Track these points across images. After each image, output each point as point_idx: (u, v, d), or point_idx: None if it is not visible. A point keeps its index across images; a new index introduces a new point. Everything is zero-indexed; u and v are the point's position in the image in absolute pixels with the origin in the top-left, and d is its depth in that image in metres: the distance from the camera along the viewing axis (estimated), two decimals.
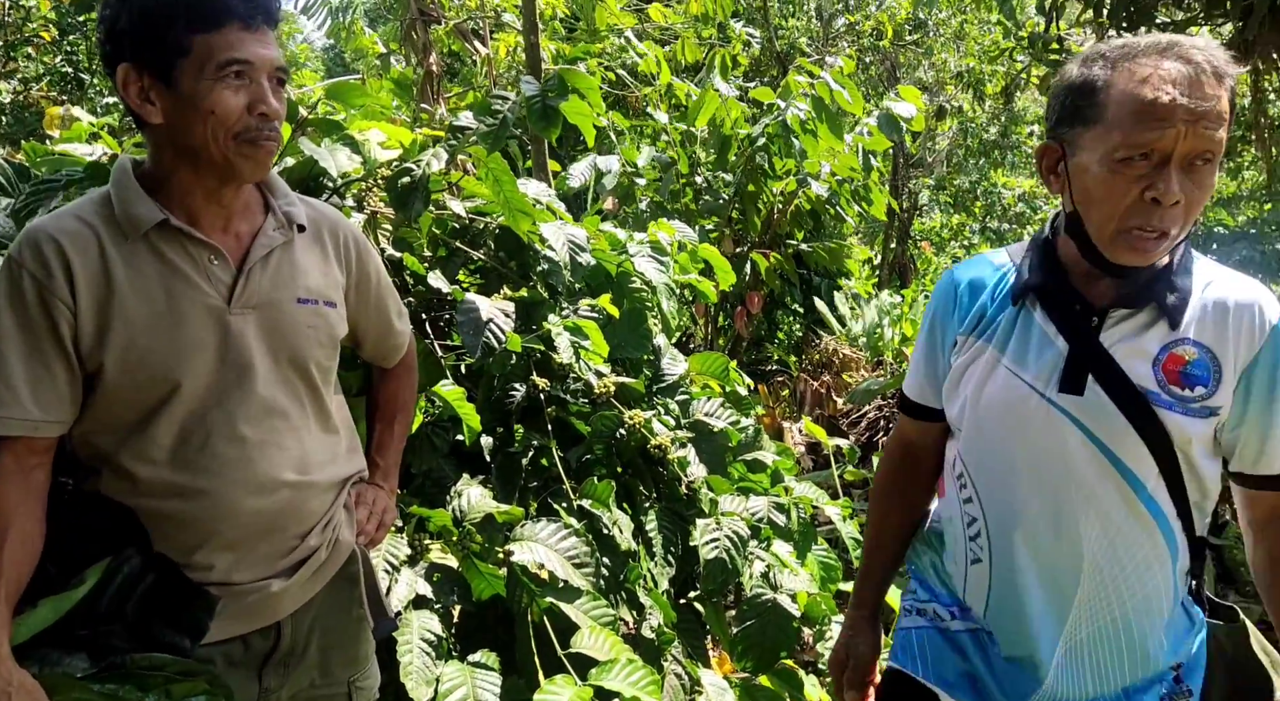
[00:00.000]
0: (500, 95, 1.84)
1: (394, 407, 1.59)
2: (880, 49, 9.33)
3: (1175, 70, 1.05)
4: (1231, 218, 14.42)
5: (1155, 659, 1.21)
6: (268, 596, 1.25)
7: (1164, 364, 1.15)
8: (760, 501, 2.21)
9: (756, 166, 4.61)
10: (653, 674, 1.46)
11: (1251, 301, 1.16)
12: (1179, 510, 1.18)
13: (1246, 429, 1.16)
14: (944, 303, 1.33)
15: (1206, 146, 1.05)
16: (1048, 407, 1.18)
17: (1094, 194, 1.12)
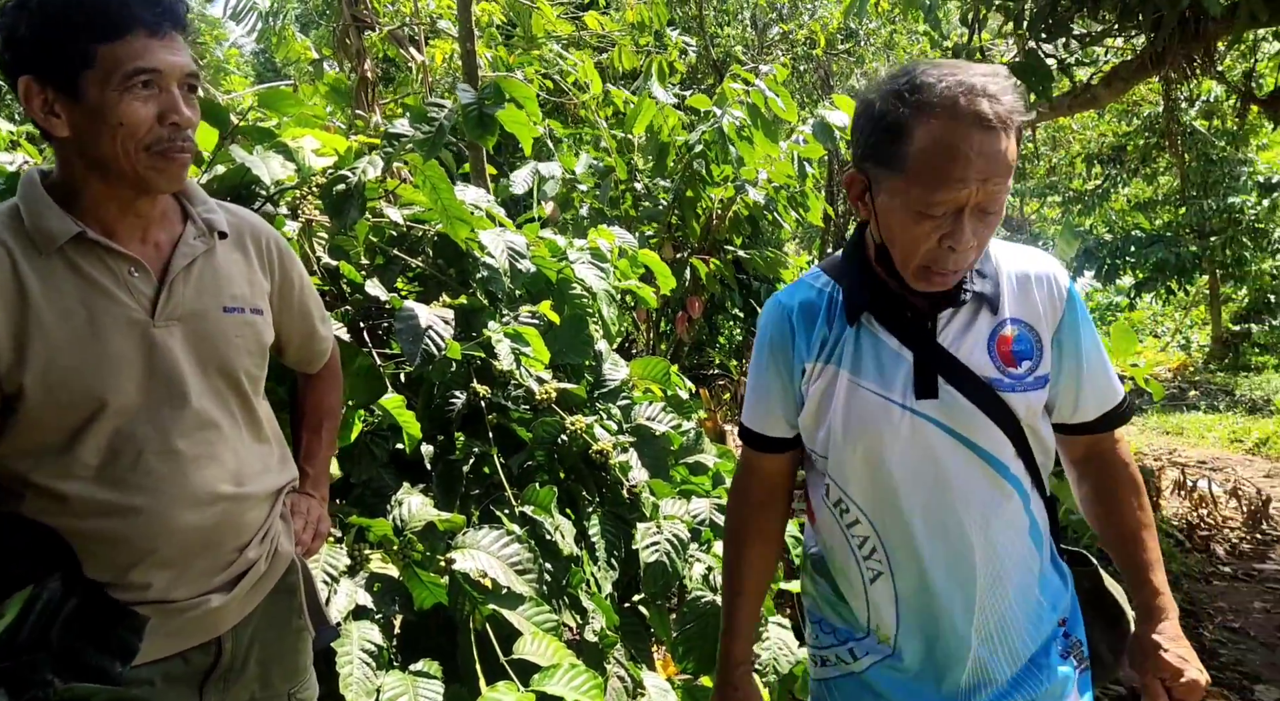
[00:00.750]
0: (437, 103, 1.84)
1: (320, 414, 1.56)
2: (814, 58, 9.51)
3: (967, 130, 1.09)
4: (1148, 221, 15.00)
5: (1043, 619, 1.28)
6: (208, 612, 1.22)
7: (997, 348, 1.23)
8: (702, 503, 2.23)
9: (694, 173, 4.66)
10: (595, 677, 1.47)
11: (1048, 272, 1.27)
12: (1032, 478, 1.27)
13: (1061, 386, 1.26)
14: (780, 333, 1.34)
15: (995, 196, 1.13)
16: (910, 416, 1.22)
17: (896, 236, 1.18)
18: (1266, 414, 9.57)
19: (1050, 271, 1.27)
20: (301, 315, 1.45)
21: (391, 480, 1.92)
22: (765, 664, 1.89)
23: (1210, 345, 14.44)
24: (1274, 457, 7.80)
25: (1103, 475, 1.33)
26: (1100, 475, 1.34)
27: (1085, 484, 1.35)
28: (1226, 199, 12.94)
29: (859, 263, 1.29)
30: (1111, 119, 12.77)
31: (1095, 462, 1.34)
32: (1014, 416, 1.22)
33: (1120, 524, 1.32)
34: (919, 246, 1.15)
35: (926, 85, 1.12)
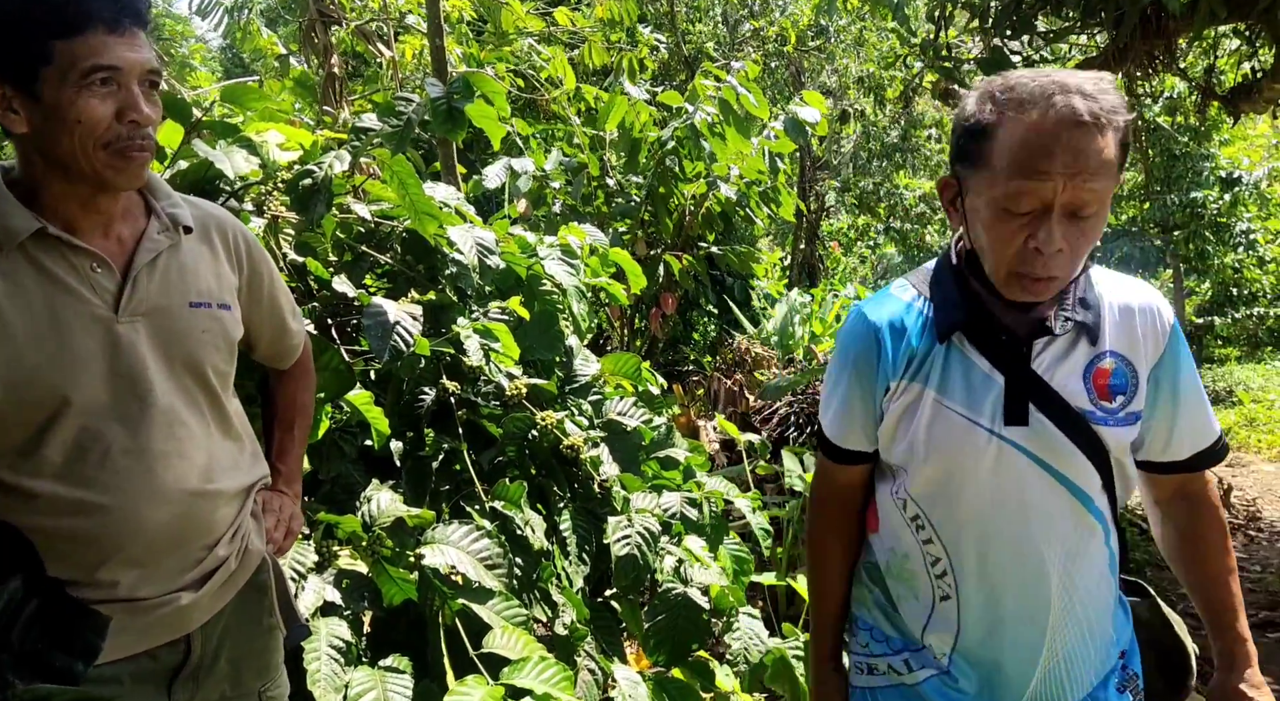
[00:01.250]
0: (405, 97, 1.83)
1: (293, 411, 1.55)
2: (785, 54, 9.55)
3: (1057, 121, 1.05)
4: (1114, 216, 15.23)
5: (1109, 654, 1.27)
6: (177, 610, 1.21)
7: (1093, 380, 1.20)
8: (673, 497, 2.25)
9: (666, 169, 4.67)
10: (565, 670, 1.48)
11: (1151, 305, 1.22)
12: (1113, 512, 1.24)
13: (1155, 422, 1.23)
14: (865, 349, 1.30)
15: (1087, 198, 1.07)
16: (998, 442, 1.19)
17: (985, 238, 1.14)
18: (1229, 404, 9.76)
19: (1155, 305, 1.23)
20: (271, 310, 1.43)
21: (360, 476, 1.92)
22: (736, 654, 1.91)
23: None
24: (1236, 448, 7.96)
25: (1190, 517, 1.29)
26: (1187, 517, 1.30)
27: (1169, 524, 1.32)
28: (1189, 194, 13.17)
29: (952, 277, 1.25)
30: None
31: (1183, 503, 1.30)
32: (1105, 450, 1.20)
33: (1205, 568, 1.28)
34: (1007, 249, 1.12)
35: (1020, 84, 1.10)
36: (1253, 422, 8.52)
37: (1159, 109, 11.29)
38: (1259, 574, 4.62)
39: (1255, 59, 5.13)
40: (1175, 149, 12.96)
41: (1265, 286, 13.74)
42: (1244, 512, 5.65)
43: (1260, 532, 5.33)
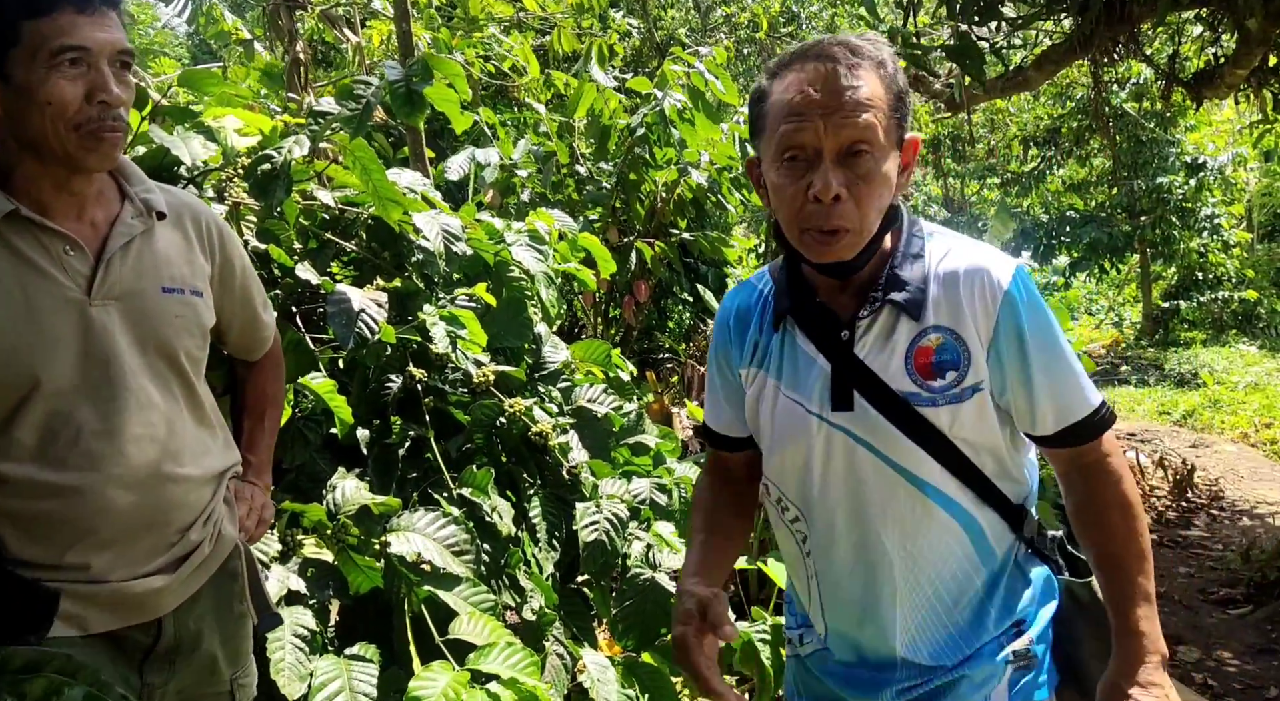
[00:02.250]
0: (363, 80, 1.81)
1: (263, 402, 1.55)
2: (757, 40, 9.54)
3: (812, 69, 1.08)
4: (1082, 202, 15.41)
5: (986, 626, 1.22)
6: (150, 592, 1.22)
7: (914, 360, 1.15)
8: (643, 483, 2.25)
9: (637, 156, 4.66)
10: (532, 655, 1.48)
11: (979, 269, 1.15)
12: (978, 491, 1.18)
13: (1011, 395, 1.16)
14: (721, 336, 1.34)
15: (852, 135, 1.06)
16: (827, 427, 1.19)
17: (776, 199, 1.14)
18: (1194, 387, 9.93)
19: (983, 268, 1.15)
20: (243, 300, 1.43)
21: (326, 465, 1.90)
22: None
23: (1141, 322, 14.92)
24: (1199, 429, 8.11)
25: (1086, 492, 1.21)
26: (1083, 491, 1.21)
27: (1069, 500, 1.24)
28: (1155, 179, 13.34)
29: (785, 265, 1.26)
30: (1046, 102, 13.07)
31: (1078, 477, 1.21)
32: (937, 433, 1.15)
33: (1100, 546, 1.19)
34: (792, 206, 1.11)
35: (792, 50, 1.13)
36: (1216, 404, 8.68)
37: (1125, 95, 11.42)
38: (1221, 552, 4.72)
39: (1218, 45, 5.20)
40: (1141, 135, 13.12)
41: (1229, 270, 13.97)
42: (1207, 492, 5.76)
43: (1223, 512, 5.44)
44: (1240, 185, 14.36)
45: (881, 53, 1.11)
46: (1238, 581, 4.22)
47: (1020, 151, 14.35)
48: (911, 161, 1.17)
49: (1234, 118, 13.15)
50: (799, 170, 1.09)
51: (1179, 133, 13.33)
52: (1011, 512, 1.22)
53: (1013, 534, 1.24)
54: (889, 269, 1.17)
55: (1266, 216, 14.90)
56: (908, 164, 1.16)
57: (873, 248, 1.15)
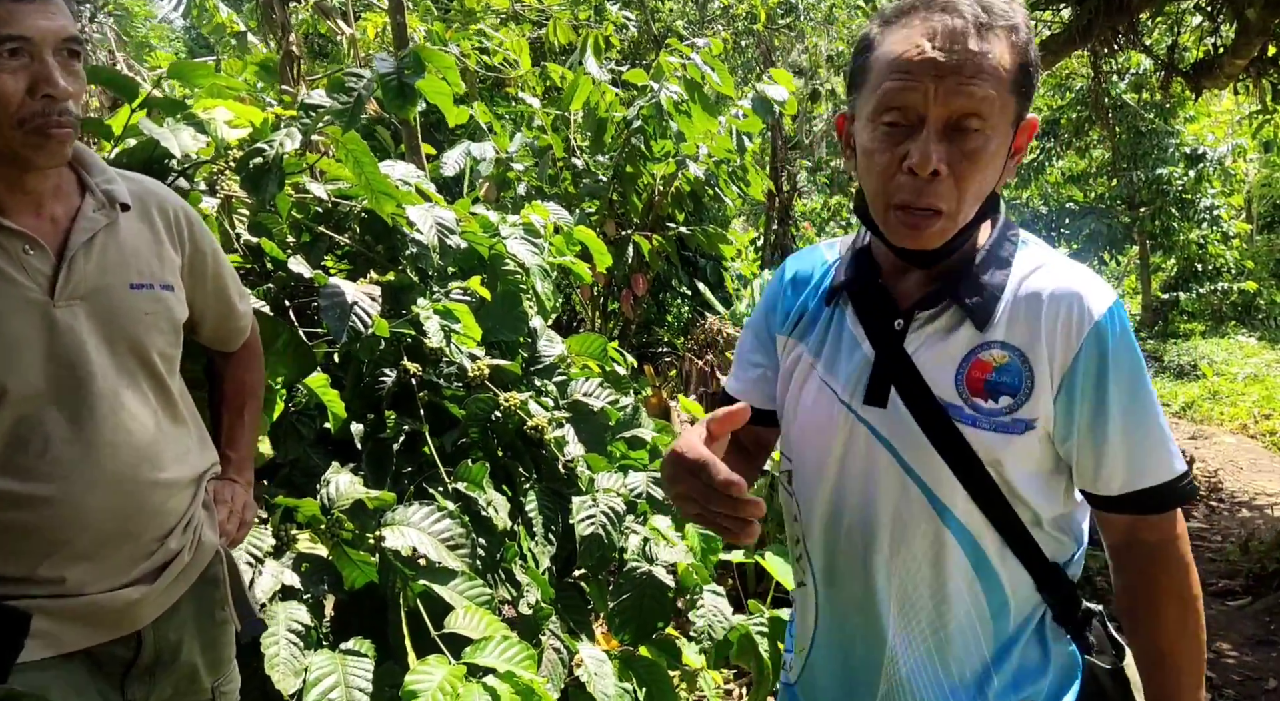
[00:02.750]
0: (355, 72, 1.80)
1: (242, 396, 1.50)
2: (755, 32, 9.51)
3: (935, 25, 0.94)
4: (1082, 194, 15.39)
5: (988, 696, 1.07)
6: (129, 604, 1.17)
7: (968, 372, 1.01)
8: (639, 477, 2.24)
9: (634, 149, 4.64)
10: (528, 649, 1.48)
11: (1070, 292, 0.99)
12: (1006, 537, 1.04)
13: (1077, 443, 1.01)
14: (770, 297, 1.21)
15: (965, 106, 0.93)
16: (853, 421, 1.07)
17: (864, 165, 1.01)
18: (1193, 379, 9.93)
19: (1076, 292, 0.99)
20: (216, 290, 1.38)
21: (320, 460, 1.89)
22: (700, 631, 1.91)
23: (1141, 313, 14.91)
24: (1199, 420, 8.11)
25: (1140, 573, 1.05)
26: (1137, 572, 1.05)
27: (1119, 577, 1.08)
28: (1155, 170, 13.32)
29: (856, 240, 1.15)
30: (1046, 93, 13.04)
31: (1133, 554, 1.05)
32: (973, 457, 1.00)
33: (1149, 640, 1.05)
34: (883, 174, 0.98)
35: (908, 1, 0.98)
36: (1216, 396, 8.68)
37: (1125, 86, 11.39)
38: (1220, 544, 4.72)
39: (1217, 35, 5.18)
40: (1141, 126, 13.09)
41: (1229, 261, 13.96)
42: (1206, 484, 5.76)
43: (1221, 503, 5.44)
44: (1240, 176, 14.35)
45: (1015, 17, 0.96)
46: (1236, 573, 4.22)
47: None
48: (1024, 145, 1.03)
49: (1233, 108, 13.13)
50: (897, 136, 0.96)
51: (1178, 124, 13.31)
52: (1043, 571, 1.06)
53: (1040, 596, 1.08)
54: (969, 266, 1.03)
55: (1266, 207, 14.88)
56: (1020, 147, 1.02)
57: (962, 239, 1.02)
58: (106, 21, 8.70)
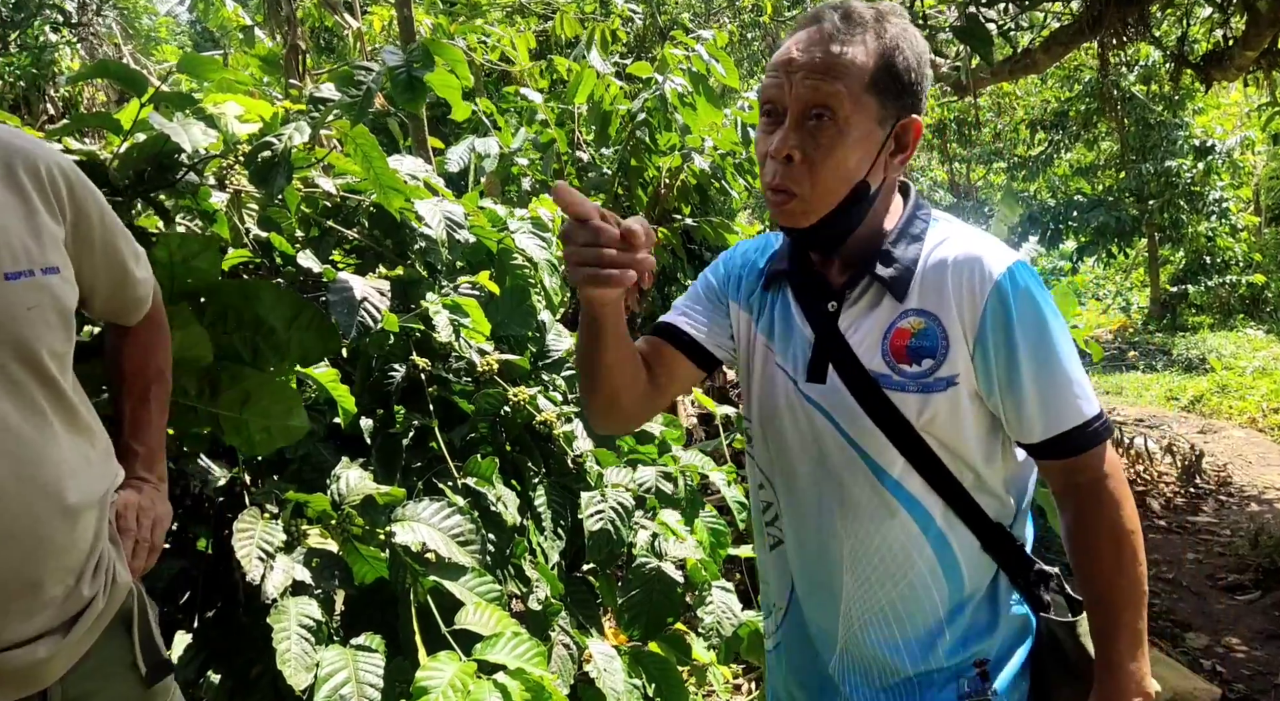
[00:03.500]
0: (364, 66, 1.79)
1: (146, 377, 1.28)
2: (761, 24, 9.47)
3: (802, 34, 1.08)
4: (1090, 186, 15.31)
5: (939, 651, 1.14)
6: (34, 663, 1.00)
7: (891, 340, 1.10)
8: (648, 471, 2.24)
9: (638, 142, 4.63)
10: (539, 645, 1.47)
11: (971, 257, 1.09)
12: (948, 499, 1.12)
13: (1000, 397, 1.09)
14: (726, 263, 1.31)
15: (813, 98, 1.03)
16: (800, 398, 1.16)
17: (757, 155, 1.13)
18: (1201, 372, 9.89)
19: (976, 257, 1.08)
20: (107, 257, 1.15)
21: (330, 455, 1.89)
22: (709, 628, 1.91)
23: (1149, 306, 14.85)
24: (1207, 414, 8.08)
25: (1076, 514, 1.12)
26: (1074, 514, 1.13)
27: (1062, 522, 1.15)
28: (1164, 163, 13.25)
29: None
30: (1054, 85, 12.98)
31: (1070, 497, 1.13)
32: (903, 420, 1.09)
33: (1087, 576, 1.11)
34: (761, 164, 1.11)
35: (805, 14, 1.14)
36: (1224, 389, 8.64)
37: (1134, 78, 11.32)
38: (1229, 538, 4.70)
39: (1228, 26, 5.14)
40: (1150, 118, 13.02)
41: (1237, 254, 13.88)
42: (1215, 478, 5.74)
43: (1230, 497, 5.42)
44: (1248, 169, 14.26)
45: (884, 25, 1.06)
46: (1246, 567, 4.21)
47: (1027, 135, 14.25)
48: (909, 146, 1.11)
49: (1242, 101, 13.04)
50: (771, 127, 1.09)
51: (1187, 116, 13.23)
52: (989, 532, 1.14)
53: (991, 558, 1.15)
54: (883, 246, 1.13)
55: (1275, 200, 14.80)
56: (905, 146, 1.11)
57: (839, 223, 1.11)
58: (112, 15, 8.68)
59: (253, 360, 1.67)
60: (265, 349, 1.68)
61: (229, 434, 1.63)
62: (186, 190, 1.82)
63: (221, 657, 1.65)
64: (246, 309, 1.66)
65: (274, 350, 1.69)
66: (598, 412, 1.22)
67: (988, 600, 1.16)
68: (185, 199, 1.86)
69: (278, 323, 1.67)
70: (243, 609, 1.70)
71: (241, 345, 1.67)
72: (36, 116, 8.19)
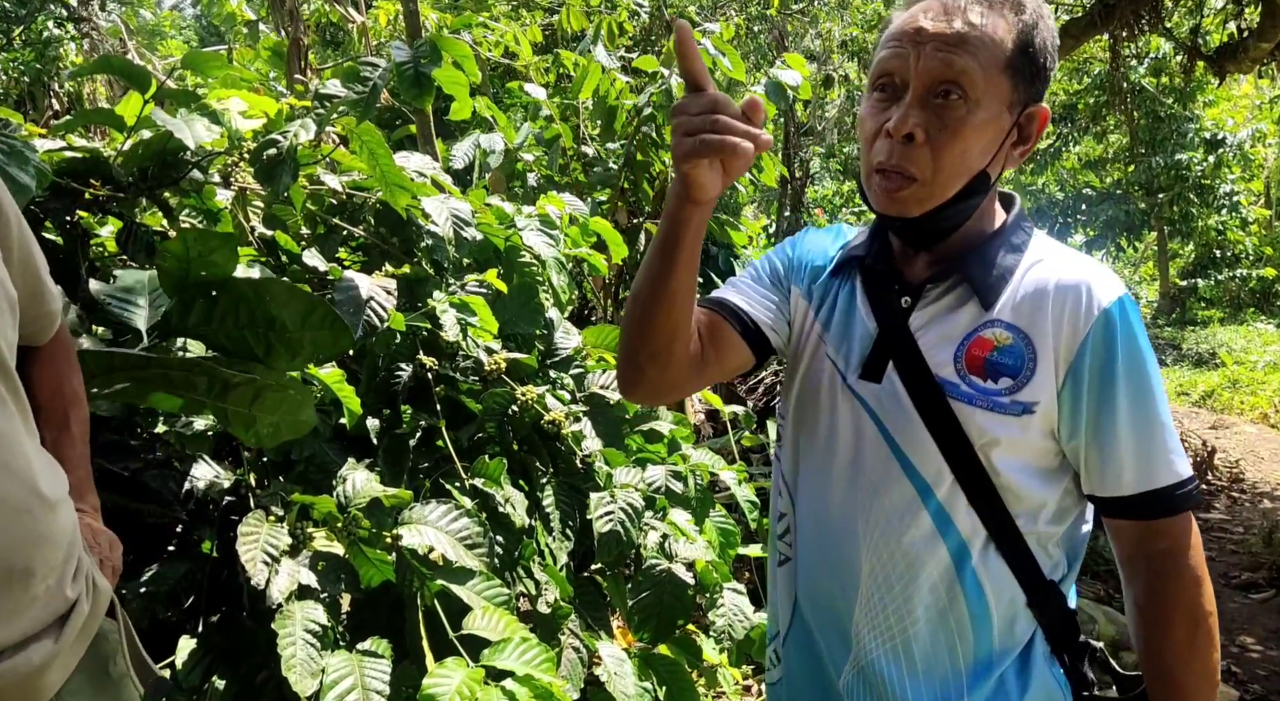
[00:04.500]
0: (370, 61, 1.76)
1: (63, 402, 1.17)
2: (768, 18, 9.41)
3: (935, 1, 0.98)
4: (1099, 179, 15.22)
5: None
6: (30, 672, 0.94)
7: (968, 348, 1.00)
8: (658, 471, 2.21)
9: (644, 136, 4.59)
10: (547, 651, 1.45)
11: (1078, 281, 0.98)
12: (993, 529, 1.00)
13: (1083, 439, 0.98)
14: (794, 251, 1.21)
15: (943, 73, 0.94)
16: (848, 394, 1.06)
17: (860, 134, 1.03)
18: (1212, 367, 9.83)
19: (1084, 281, 0.97)
20: (24, 263, 1.07)
21: (336, 456, 1.87)
22: (720, 630, 1.89)
23: (1159, 300, 14.77)
24: (1219, 409, 8.03)
25: (1148, 587, 0.99)
26: (1145, 586, 1.00)
27: (1129, 592, 1.03)
28: (1174, 156, 13.17)
29: (875, 221, 1.14)
30: (1062, 77, 12.88)
31: (1142, 566, 1.00)
32: (963, 436, 0.98)
33: (1155, 656, 0.99)
34: (869, 143, 1.00)
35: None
36: (1235, 384, 8.58)
37: (1144, 71, 11.23)
38: (1241, 535, 4.67)
39: (1242, 18, 5.08)
40: (1160, 111, 12.93)
41: (1248, 248, 13.80)
42: (1227, 474, 5.69)
43: (1243, 494, 5.38)
44: (1259, 161, 14.15)
45: (1023, 6, 0.97)
46: (1260, 565, 4.17)
47: None
48: (1034, 136, 1.02)
49: (1253, 93, 12.94)
50: (885, 103, 0.98)
51: (1198, 108, 13.13)
52: (1038, 587, 1.01)
53: (1034, 617, 1.03)
54: (980, 247, 1.03)
55: None
56: (1028, 137, 1.02)
57: (950, 217, 1.01)
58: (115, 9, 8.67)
59: (264, 357, 1.65)
60: (278, 346, 1.66)
61: (237, 427, 1.60)
62: (191, 188, 1.80)
63: (226, 662, 1.63)
64: (259, 306, 1.63)
65: (286, 348, 1.66)
66: (645, 360, 1.04)
67: (1019, 666, 1.04)
68: (191, 198, 1.84)
69: (290, 320, 1.65)
70: (248, 613, 1.68)
71: (254, 341, 1.64)
72: (41, 112, 8.18)
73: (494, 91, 5.26)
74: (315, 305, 1.70)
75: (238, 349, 1.61)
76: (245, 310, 1.62)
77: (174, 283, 1.53)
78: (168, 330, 1.57)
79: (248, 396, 1.58)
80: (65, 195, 1.70)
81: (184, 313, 1.53)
